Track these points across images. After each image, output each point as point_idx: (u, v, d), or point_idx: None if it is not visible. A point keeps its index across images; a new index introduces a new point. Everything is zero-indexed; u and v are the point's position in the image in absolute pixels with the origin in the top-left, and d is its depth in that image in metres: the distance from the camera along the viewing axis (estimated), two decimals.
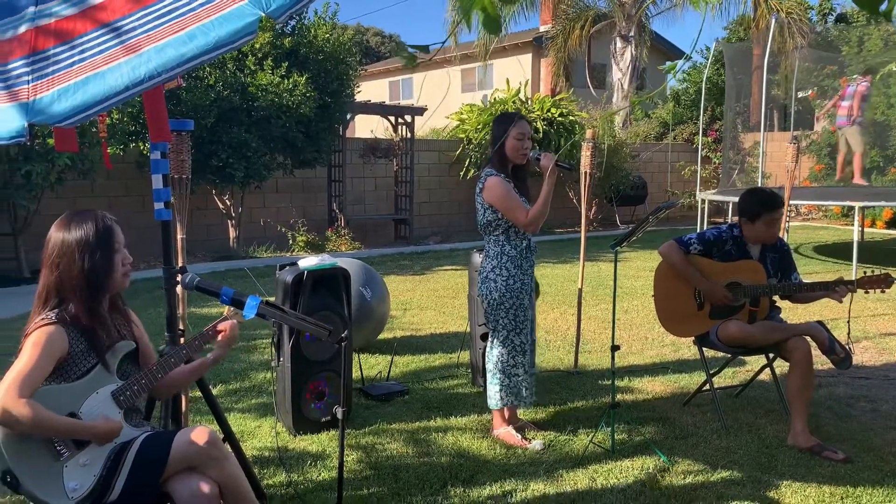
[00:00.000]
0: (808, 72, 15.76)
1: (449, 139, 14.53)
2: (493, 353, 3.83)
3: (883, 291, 3.86)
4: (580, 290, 5.20)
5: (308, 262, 3.91)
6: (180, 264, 3.37)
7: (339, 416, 2.50)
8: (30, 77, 2.09)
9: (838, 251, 11.18)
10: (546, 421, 4.17)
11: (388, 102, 29.94)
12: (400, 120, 13.07)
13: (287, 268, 3.93)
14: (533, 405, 4.07)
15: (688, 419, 4.19)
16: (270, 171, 10.10)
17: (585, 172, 4.99)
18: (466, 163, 13.63)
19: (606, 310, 7.08)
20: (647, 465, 3.58)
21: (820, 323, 3.92)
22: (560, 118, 13.39)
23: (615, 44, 18.26)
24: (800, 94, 15.03)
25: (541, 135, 13.16)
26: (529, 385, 3.89)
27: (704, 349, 4.22)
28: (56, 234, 2.35)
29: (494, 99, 14.20)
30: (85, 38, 2.16)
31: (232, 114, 9.22)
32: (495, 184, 3.71)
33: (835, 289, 3.85)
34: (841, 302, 3.89)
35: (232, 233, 10.99)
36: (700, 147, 13.14)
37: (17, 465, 2.02)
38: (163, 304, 3.34)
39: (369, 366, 5.12)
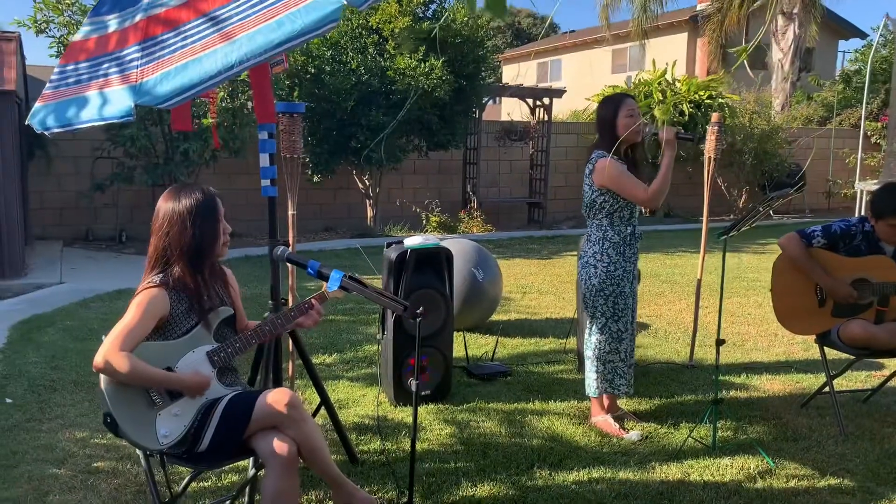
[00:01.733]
0: None
1: (588, 122, 14.26)
2: (591, 340, 3.78)
3: None
4: (699, 282, 4.99)
5: (412, 241, 4.03)
6: (291, 239, 3.60)
7: (414, 388, 2.59)
8: (140, 62, 2.32)
9: None
10: (649, 413, 4.07)
11: (535, 84, 29.84)
12: (538, 102, 12.99)
13: (393, 245, 4.07)
14: (629, 395, 3.97)
15: (803, 421, 3.94)
16: (406, 153, 10.38)
17: (710, 157, 4.76)
18: None
19: (739, 303, 6.75)
20: (749, 464, 3.42)
21: None
22: (709, 100, 12.77)
23: (776, 21, 17.11)
24: None
25: (686, 117, 12.64)
26: (626, 374, 3.81)
27: (828, 349, 3.94)
28: (165, 205, 2.55)
29: (639, 80, 13.78)
30: (189, 26, 2.36)
31: (371, 97, 9.56)
32: (607, 164, 3.62)
33: None
34: None
35: (370, 212, 11.42)
36: (862, 131, 12.06)
37: (117, 409, 2.27)
38: (286, 275, 3.59)
39: (478, 346, 5.20)
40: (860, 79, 18.37)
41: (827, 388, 3.94)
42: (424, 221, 11.85)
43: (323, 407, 3.34)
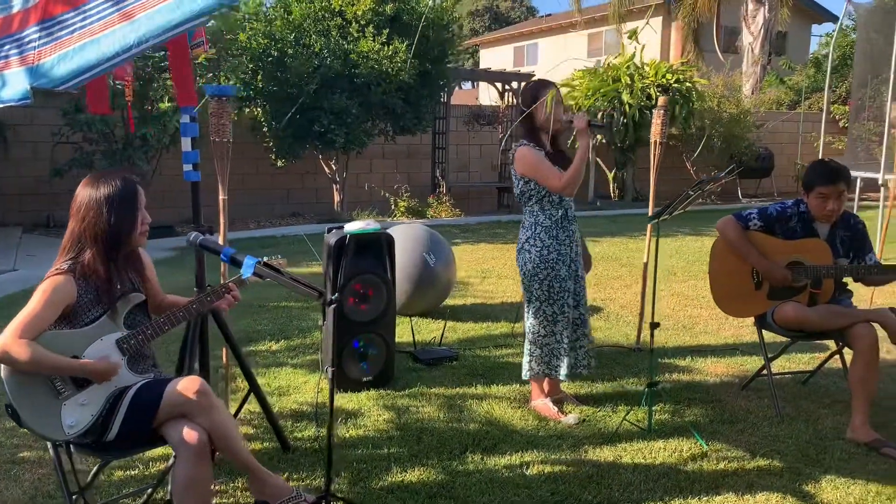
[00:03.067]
0: None
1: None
2: (528, 324, 3.78)
3: None
4: (645, 265, 5.01)
5: (353, 226, 4.00)
6: (222, 225, 3.55)
7: (329, 375, 2.56)
8: (38, 42, 2.26)
9: None
10: (591, 396, 4.09)
11: (511, 68, 29.73)
12: (507, 87, 12.94)
13: (333, 231, 4.04)
14: (575, 379, 3.98)
15: (742, 404, 3.97)
16: (370, 137, 10.31)
17: (655, 141, 4.76)
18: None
19: (694, 286, 6.79)
20: (682, 447, 3.44)
21: (893, 310, 3.58)
22: (676, 84, 12.79)
23: (746, 5, 17.15)
24: None
25: (654, 101, 12.63)
26: (576, 357, 3.81)
27: (767, 331, 3.97)
28: (84, 191, 2.51)
29: (608, 64, 13.75)
30: (91, 5, 2.30)
31: (334, 80, 9.47)
32: (526, 153, 3.63)
33: None
34: None
35: (336, 197, 11.36)
36: (825, 115, 12.12)
37: (18, 399, 2.23)
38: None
39: (429, 331, 5.19)
40: (861, 58, 18.44)
41: (765, 371, 3.97)
42: (393, 206, 11.80)
43: (254, 394, 3.32)
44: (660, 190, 15.55)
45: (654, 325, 3.71)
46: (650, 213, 4.85)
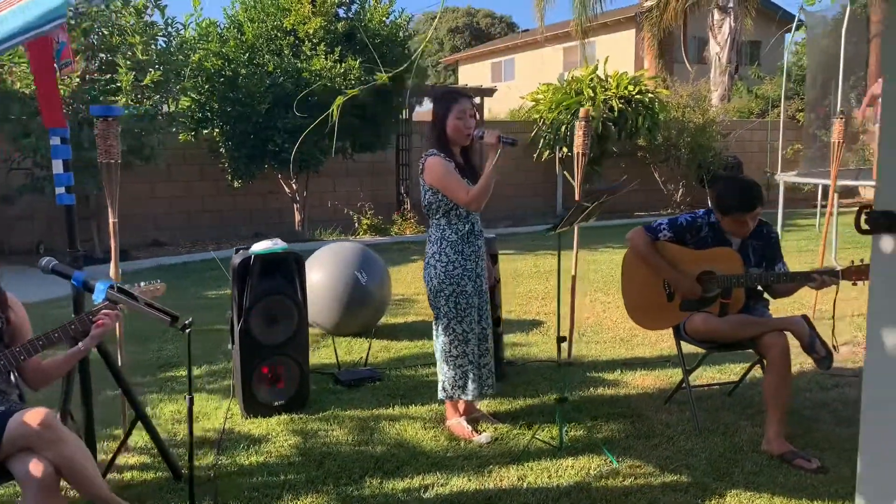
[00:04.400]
0: None
1: (523, 120, 14.24)
2: (438, 343, 3.70)
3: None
4: (573, 278, 4.95)
5: (259, 246, 3.91)
6: (113, 250, 3.46)
7: (188, 403, 2.47)
8: None
9: None
10: (510, 413, 4.00)
11: (489, 84, 29.80)
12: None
13: (240, 251, 3.95)
14: (486, 397, 3.88)
15: (662, 417, 3.89)
16: (326, 155, 10.24)
17: (579, 153, 4.71)
18: (540, 144, 13.32)
19: None
20: (591, 465, 3.36)
21: (805, 318, 3.52)
22: (638, 96, 12.80)
23: (712, 16, 17.26)
24: None
25: (616, 113, 12.66)
26: (480, 376, 3.72)
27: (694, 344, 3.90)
28: None
29: (571, 77, 13.78)
30: None
31: (287, 99, 9.41)
32: (435, 164, 3.56)
33: (813, 278, 3.44)
34: (818, 290, 3.49)
35: (297, 216, 11.27)
36: (782, 122, 12.15)
37: None
38: (208, 285, 3.44)
39: (361, 351, 5.09)
40: (800, 71, 18.58)
41: (692, 384, 3.89)
42: (356, 224, 11.73)
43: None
44: (629, 201, 15.56)
45: (561, 339, 3.63)
46: (576, 228, 4.80)
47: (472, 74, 34.98)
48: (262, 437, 3.69)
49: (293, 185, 11.07)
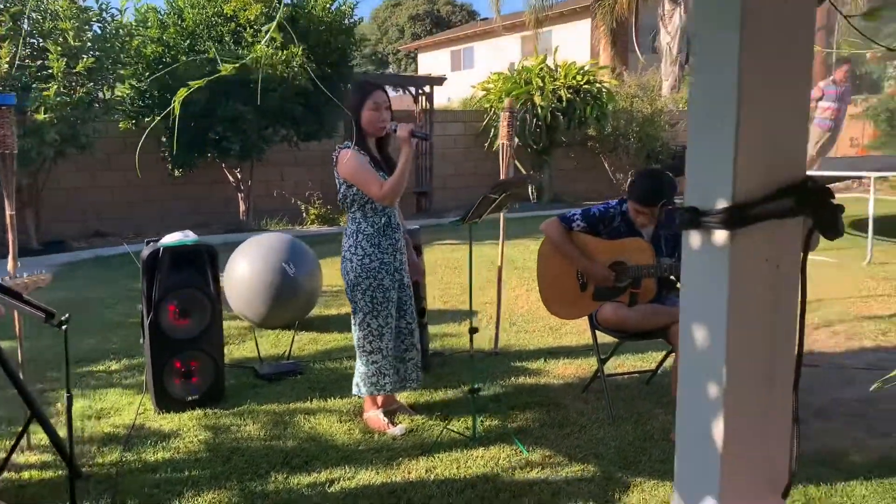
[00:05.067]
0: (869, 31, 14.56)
1: (475, 109, 14.23)
2: (355, 338, 3.66)
3: None
4: (499, 269, 4.95)
5: (170, 238, 3.83)
6: (11, 244, 3.35)
7: (66, 402, 2.41)
8: None
9: (887, 226, 10.34)
10: (430, 404, 3.99)
11: (449, 72, 29.73)
12: (420, 91, 12.86)
13: (150, 244, 3.87)
14: (407, 390, 3.87)
15: (578, 406, 3.92)
16: (269, 144, 10.11)
17: (504, 144, 4.70)
18: (491, 133, 13.33)
19: None
20: (501, 455, 3.37)
21: None
22: (587, 86, 12.87)
23: (663, 5, 17.41)
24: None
25: (565, 103, 12.71)
26: (399, 371, 3.70)
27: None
28: None
29: (522, 67, 13.79)
30: None
31: (226, 87, 9.24)
32: (348, 157, 3.52)
33: None
34: None
35: (242, 206, 11.12)
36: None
37: None
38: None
39: (287, 344, 5.04)
40: None
41: (614, 373, 3.93)
42: (304, 214, 11.62)
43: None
44: (578, 190, 15.66)
45: (473, 331, 3.63)
46: (502, 220, 4.80)
47: (431, 62, 34.87)
48: (172, 432, 3.63)
49: (238, 175, 10.92)
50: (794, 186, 1.15)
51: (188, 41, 9.60)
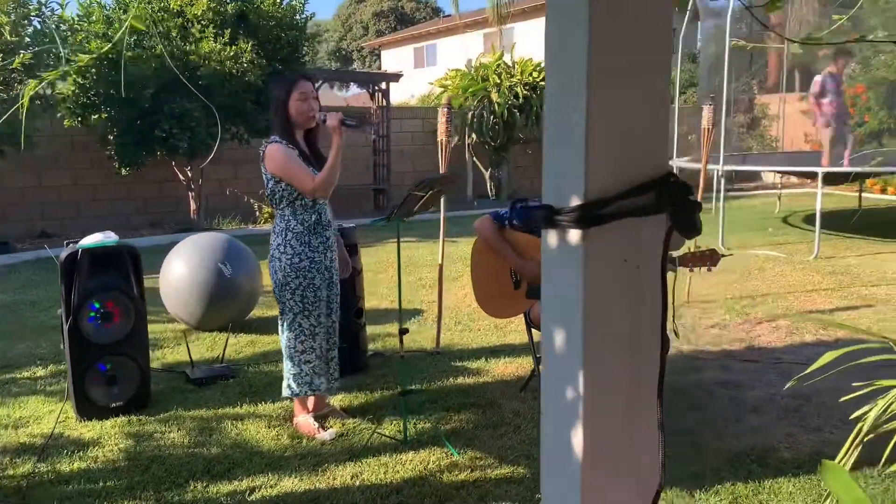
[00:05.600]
0: (818, 27, 14.79)
1: (432, 106, 14.15)
2: (283, 339, 3.56)
3: (709, 269, 3.46)
4: (440, 267, 4.88)
5: (90, 239, 3.69)
6: None
7: None
8: None
9: (835, 220, 10.50)
10: (364, 406, 3.91)
11: (413, 69, 29.61)
12: (376, 88, 12.75)
13: (70, 245, 3.72)
14: (332, 391, 3.78)
15: (515, 406, 3.86)
16: (217, 141, 9.93)
17: (442, 141, 4.63)
18: None
19: None
20: (431, 458, 3.29)
21: None
22: (542, 82, 12.85)
23: None
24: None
25: (521, 100, 12.69)
26: (328, 371, 3.61)
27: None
28: None
29: (479, 63, 13.74)
30: None
31: (173, 84, 9.05)
32: (275, 151, 3.42)
33: None
34: None
35: (193, 204, 10.90)
36: (677, 107, 12.40)
37: None
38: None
39: (229, 346, 4.91)
40: (706, 57, 19.01)
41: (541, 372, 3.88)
42: (258, 212, 11.44)
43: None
44: (537, 187, 15.73)
45: (403, 332, 3.55)
46: (442, 217, 4.74)
47: (394, 59, 34.69)
48: (92, 441, 3.49)
49: (188, 173, 10.70)
50: (653, 183, 1.09)
51: (134, 37, 9.36)
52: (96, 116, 9.75)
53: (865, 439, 2.25)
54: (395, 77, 12.80)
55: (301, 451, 3.38)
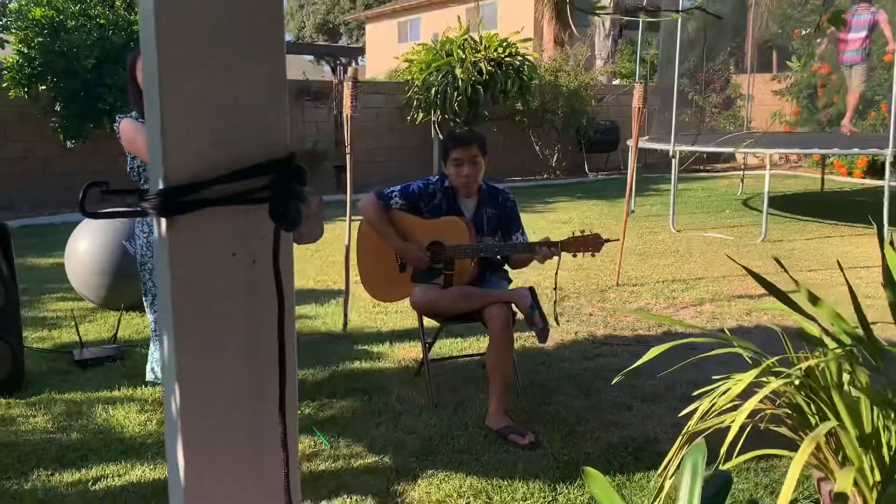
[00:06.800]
0: (791, 7, 14.62)
1: (398, 81, 13.90)
2: (150, 321, 3.42)
3: (593, 255, 3.33)
4: (347, 248, 4.73)
5: None
6: None
7: None
8: None
9: (793, 203, 10.40)
10: None
11: (396, 44, 29.21)
12: (338, 61, 12.49)
13: None
14: None
15: (404, 393, 3.73)
16: None
17: (347, 115, 4.46)
18: (414, 105, 13.03)
19: None
20: (300, 446, 3.16)
21: (531, 289, 3.39)
22: (508, 59, 12.62)
23: None
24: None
25: (486, 76, 12.45)
26: None
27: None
28: None
29: (445, 38, 13.47)
30: None
31: (117, 54, 8.80)
32: (126, 126, 3.23)
33: (536, 250, 3.32)
34: (542, 263, 3.38)
35: None
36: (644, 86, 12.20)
37: None
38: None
39: (136, 325, 4.77)
40: (684, 34, 18.75)
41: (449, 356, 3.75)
42: None
43: None
44: (509, 166, 15.43)
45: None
46: (348, 199, 4.56)
47: (378, 34, 34.18)
48: None
49: None
50: (262, 167, 0.94)
51: (78, 5, 9.10)
52: (44, 88, 9.50)
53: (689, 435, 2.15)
54: (358, 51, 12.55)
55: (162, 439, 3.24)
